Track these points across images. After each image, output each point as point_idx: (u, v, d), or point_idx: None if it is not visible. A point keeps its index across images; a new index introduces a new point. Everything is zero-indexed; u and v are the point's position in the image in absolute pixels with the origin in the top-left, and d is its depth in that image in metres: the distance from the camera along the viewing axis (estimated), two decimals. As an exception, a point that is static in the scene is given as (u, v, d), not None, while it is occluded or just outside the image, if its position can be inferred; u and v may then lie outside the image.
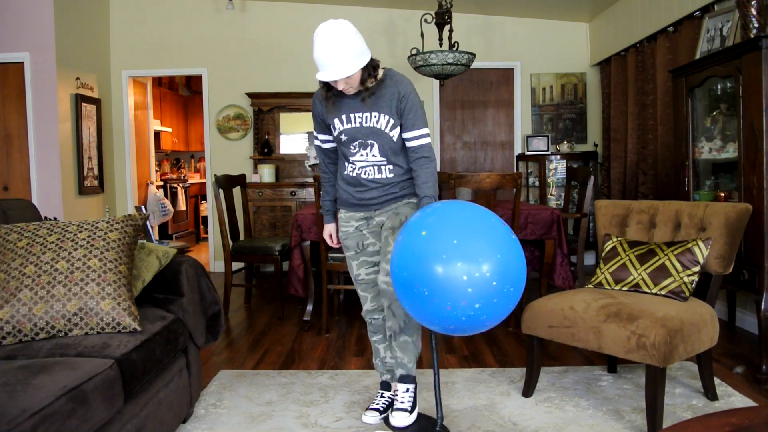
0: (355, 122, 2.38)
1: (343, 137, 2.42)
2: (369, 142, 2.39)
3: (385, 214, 2.50)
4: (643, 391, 2.53)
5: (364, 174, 2.45)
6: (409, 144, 2.42)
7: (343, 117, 2.40)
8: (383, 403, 2.60)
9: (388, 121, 2.36)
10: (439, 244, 1.94)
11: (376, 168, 2.44)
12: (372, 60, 2.31)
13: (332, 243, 2.72)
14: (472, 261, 1.89)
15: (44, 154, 5.52)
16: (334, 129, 2.43)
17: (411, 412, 2.43)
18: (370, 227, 2.53)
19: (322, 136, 2.57)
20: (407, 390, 2.47)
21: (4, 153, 5.58)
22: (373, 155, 2.41)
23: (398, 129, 2.39)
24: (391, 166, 2.44)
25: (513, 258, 1.95)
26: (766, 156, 3.01)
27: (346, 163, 2.49)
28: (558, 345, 3.56)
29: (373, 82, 2.35)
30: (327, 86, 2.38)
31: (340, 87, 2.28)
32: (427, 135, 2.42)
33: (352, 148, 2.42)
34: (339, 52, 2.19)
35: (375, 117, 2.37)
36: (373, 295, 2.59)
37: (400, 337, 2.46)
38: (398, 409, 2.43)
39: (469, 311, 1.88)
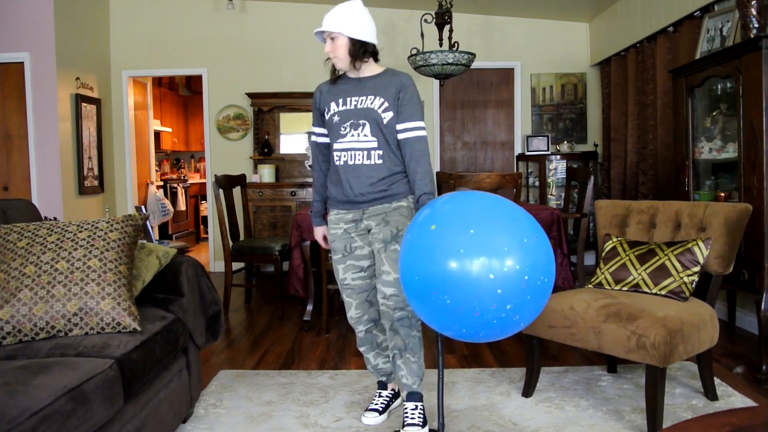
0: (350, 104, 2.41)
1: (336, 118, 2.42)
2: (361, 122, 2.39)
3: (374, 218, 2.43)
4: (643, 391, 2.53)
5: (351, 160, 2.40)
6: (403, 135, 2.40)
7: (339, 100, 2.43)
8: (382, 403, 2.60)
9: (382, 103, 2.37)
10: (454, 237, 1.66)
11: (365, 153, 2.39)
12: (367, 45, 2.37)
13: (325, 245, 2.67)
14: (495, 253, 1.61)
15: (44, 154, 5.52)
16: (329, 112, 2.44)
17: (423, 426, 2.40)
18: (359, 230, 2.48)
19: (318, 130, 2.58)
20: (416, 407, 2.44)
21: (4, 153, 5.59)
22: (365, 135, 2.39)
23: (391, 114, 2.38)
24: (380, 152, 2.39)
25: (539, 240, 1.69)
26: (766, 156, 3.01)
27: (334, 153, 2.46)
28: (558, 345, 3.55)
29: (360, 65, 2.39)
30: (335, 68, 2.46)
31: (326, 49, 2.36)
32: (423, 128, 2.41)
33: (342, 129, 2.41)
34: (336, 13, 2.34)
35: (370, 99, 2.39)
36: (358, 302, 2.54)
37: (404, 356, 2.44)
38: (410, 425, 2.39)
39: (501, 313, 1.61)
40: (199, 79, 7.24)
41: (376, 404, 2.60)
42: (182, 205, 8.44)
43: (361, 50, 2.35)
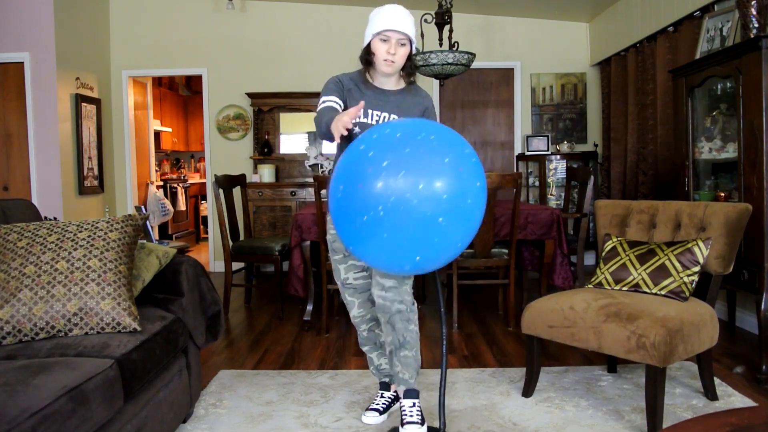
0: (372, 119, 2.35)
1: (356, 129, 2.34)
2: None
3: None
4: (643, 391, 2.53)
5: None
6: None
7: (361, 110, 2.33)
8: (383, 404, 2.60)
9: None
10: (362, 139, 1.86)
11: None
12: (413, 58, 2.36)
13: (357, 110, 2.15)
14: (376, 130, 1.83)
15: (44, 154, 5.52)
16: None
17: (422, 424, 2.38)
18: None
19: (333, 98, 2.33)
20: (413, 404, 2.42)
21: (4, 153, 5.59)
22: None
23: None
24: None
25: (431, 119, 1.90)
26: (766, 156, 3.01)
27: None
28: (558, 345, 3.55)
29: (409, 78, 2.37)
30: (366, 62, 2.35)
31: (391, 51, 2.25)
32: None
33: None
34: (410, 19, 2.30)
35: (394, 120, 2.33)
36: (360, 301, 2.53)
37: (400, 351, 2.41)
38: (409, 423, 2.37)
39: (375, 175, 1.68)
40: (199, 79, 7.24)
41: (377, 404, 2.60)
42: (182, 205, 8.44)
43: (412, 63, 2.34)
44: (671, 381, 2.91)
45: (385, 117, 2.33)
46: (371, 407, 2.58)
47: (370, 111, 2.34)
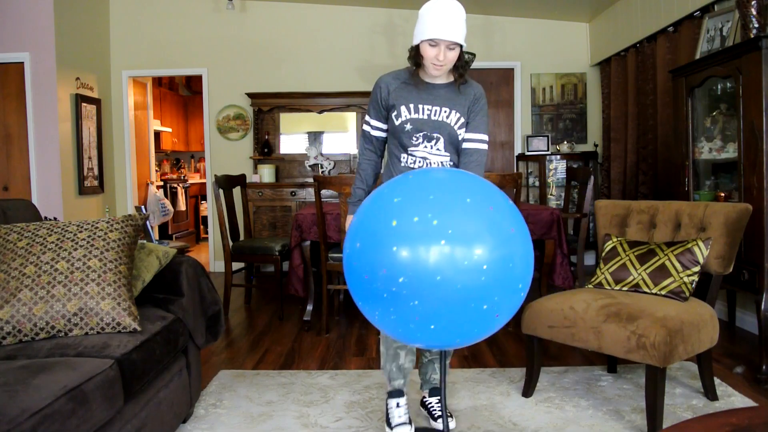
0: (423, 114, 2.32)
1: (408, 126, 2.32)
2: (435, 135, 2.32)
3: None
4: (643, 391, 2.53)
5: (427, 167, 2.34)
6: (467, 145, 2.35)
7: (411, 106, 2.32)
8: (407, 414, 2.42)
9: (459, 119, 2.32)
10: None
11: (440, 164, 2.36)
12: (464, 54, 2.27)
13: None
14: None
15: (44, 154, 5.52)
16: (399, 116, 2.33)
17: (451, 416, 2.45)
18: None
19: (375, 123, 2.44)
20: (439, 400, 2.49)
21: (4, 153, 5.59)
22: (437, 149, 2.34)
23: (464, 129, 2.34)
24: (452, 164, 2.38)
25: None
26: (766, 156, 3.01)
27: (404, 155, 2.37)
28: (558, 345, 3.55)
29: (460, 75, 2.30)
30: (415, 63, 2.30)
31: (440, 57, 2.19)
32: (487, 142, 2.37)
33: (414, 139, 2.33)
34: (457, 18, 2.15)
35: (445, 112, 2.31)
36: None
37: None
38: (441, 417, 2.42)
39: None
40: (199, 79, 7.24)
41: (402, 417, 2.40)
42: (182, 205, 8.44)
43: (463, 60, 2.27)
44: (671, 381, 2.91)
45: (436, 111, 2.31)
46: (399, 422, 2.38)
47: (420, 106, 2.32)
